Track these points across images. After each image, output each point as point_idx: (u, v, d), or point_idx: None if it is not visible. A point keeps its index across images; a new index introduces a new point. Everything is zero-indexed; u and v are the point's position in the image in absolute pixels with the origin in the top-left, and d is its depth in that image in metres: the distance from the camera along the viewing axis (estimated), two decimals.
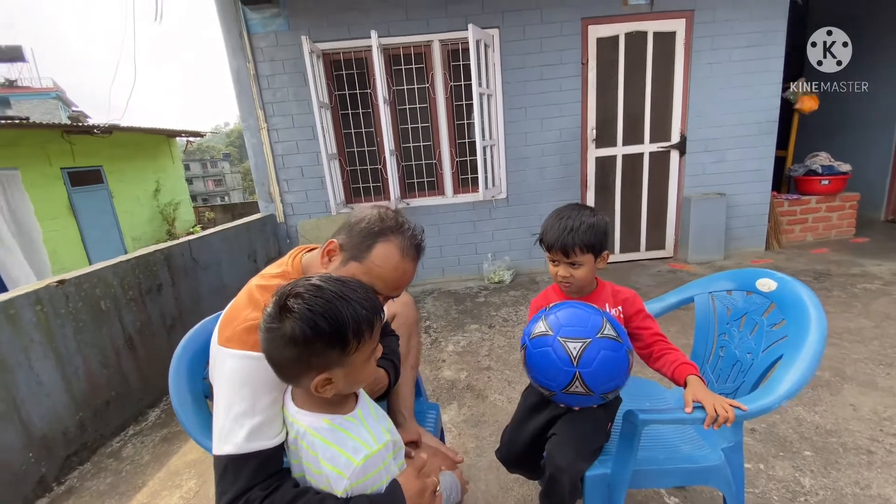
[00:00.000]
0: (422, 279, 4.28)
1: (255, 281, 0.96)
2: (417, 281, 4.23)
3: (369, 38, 3.49)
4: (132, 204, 7.75)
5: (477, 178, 3.84)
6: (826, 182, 4.31)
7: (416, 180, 4.18)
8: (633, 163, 4.13)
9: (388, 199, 3.90)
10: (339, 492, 0.73)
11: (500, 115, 3.99)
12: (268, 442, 0.79)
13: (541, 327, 1.01)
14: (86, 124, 6.78)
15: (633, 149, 4.10)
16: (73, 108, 19.73)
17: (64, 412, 2.04)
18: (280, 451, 0.81)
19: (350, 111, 3.99)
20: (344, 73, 3.92)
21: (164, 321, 2.69)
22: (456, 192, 4.20)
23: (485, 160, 3.82)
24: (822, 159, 4.39)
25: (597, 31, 3.85)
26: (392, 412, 1.28)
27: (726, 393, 1.21)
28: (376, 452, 0.76)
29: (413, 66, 3.92)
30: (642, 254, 4.35)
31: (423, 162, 4.15)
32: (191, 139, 9.27)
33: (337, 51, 3.84)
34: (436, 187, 4.21)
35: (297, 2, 3.71)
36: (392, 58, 3.90)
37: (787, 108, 4.36)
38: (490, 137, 3.93)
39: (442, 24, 3.79)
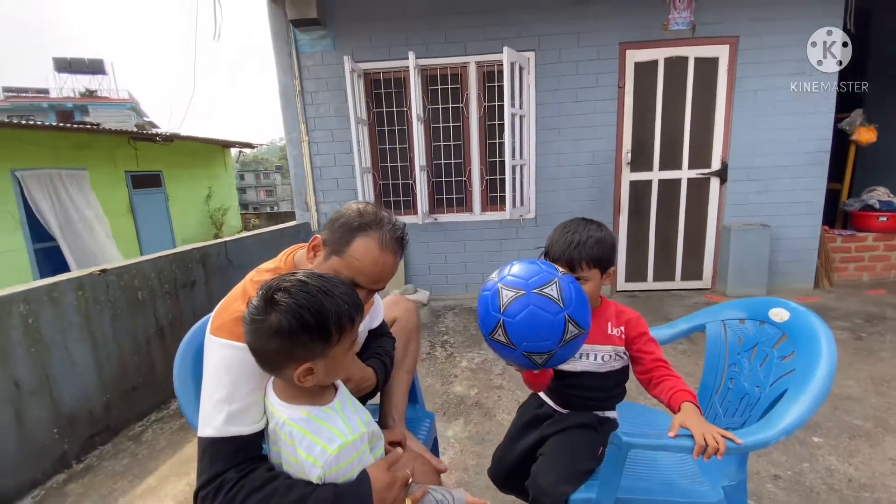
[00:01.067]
0: (444, 294, 4.28)
1: (250, 275, 1.00)
2: (440, 295, 4.25)
3: (408, 59, 3.63)
4: (185, 207, 8.30)
5: (505, 196, 3.84)
6: (884, 219, 3.99)
7: (445, 196, 4.24)
8: (669, 188, 4.01)
9: (416, 213, 3.96)
10: (314, 479, 0.75)
11: (532, 136, 4.00)
12: (245, 428, 0.81)
13: (507, 293, 0.94)
14: (149, 132, 7.37)
15: (670, 174, 3.98)
16: (145, 119, 21.51)
17: (93, 393, 2.17)
18: (257, 438, 0.84)
19: (386, 127, 4.14)
20: (383, 91, 4.08)
21: (195, 315, 2.83)
22: (484, 209, 4.22)
23: (514, 179, 3.82)
24: (880, 194, 4.09)
25: (635, 56, 3.82)
26: (382, 414, 1.29)
27: (733, 428, 1.13)
28: (351, 442, 0.77)
29: (449, 87, 4.03)
30: (677, 283, 4.17)
31: (454, 179, 4.20)
32: (243, 150, 9.86)
33: (377, 70, 4.01)
34: (464, 204, 4.24)
35: (343, 25, 3.93)
36: (429, 78, 4.02)
37: (842, 138, 4.12)
38: (521, 157, 3.94)
39: (479, 47, 3.88)
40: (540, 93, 3.93)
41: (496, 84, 3.95)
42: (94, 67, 21.18)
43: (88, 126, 6.38)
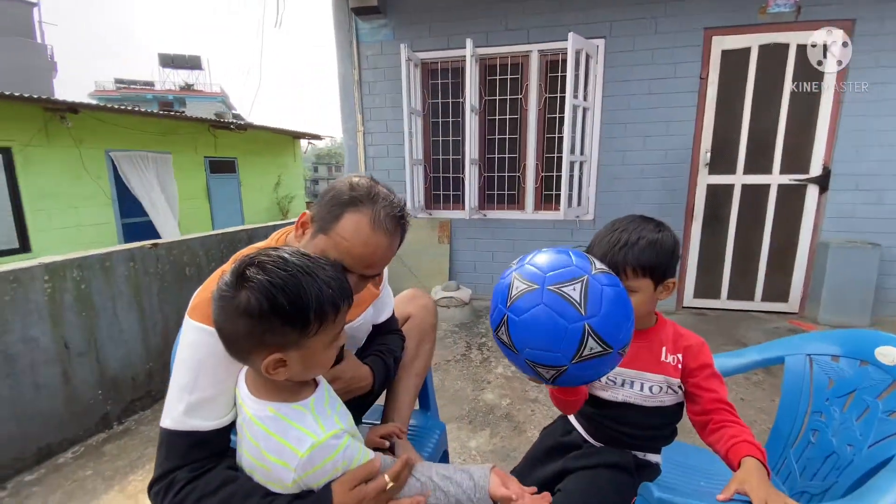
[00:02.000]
0: (488, 294, 4.07)
1: (239, 253, 0.92)
2: (483, 295, 4.07)
3: (465, 47, 3.48)
4: (255, 193, 8.82)
5: (561, 195, 3.58)
6: None
7: (496, 192, 4.05)
8: (755, 195, 3.52)
9: (464, 208, 3.82)
10: (289, 484, 0.67)
11: (595, 130, 3.69)
12: (204, 423, 0.73)
13: (519, 285, 0.74)
14: (225, 121, 7.89)
15: (756, 178, 3.49)
16: (233, 111, 23.31)
17: (136, 360, 2.27)
18: (220, 435, 0.75)
19: (441, 119, 4.02)
20: (439, 82, 3.97)
21: None
22: (537, 208, 3.98)
23: (571, 177, 3.55)
24: None
25: (723, 43, 3.38)
26: (384, 419, 1.17)
27: (812, 494, 0.87)
28: (322, 442, 0.67)
29: (508, 77, 3.83)
30: (757, 304, 3.66)
31: (507, 174, 4.00)
32: (312, 141, 10.31)
33: (435, 60, 3.91)
34: (516, 201, 4.03)
35: (403, 13, 3.86)
36: (487, 67, 3.85)
37: None
38: (581, 153, 3.65)
39: (542, 35, 3.64)
40: (608, 83, 3.61)
41: (559, 74, 3.69)
42: (193, 63, 23.32)
43: (173, 113, 6.95)
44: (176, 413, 0.72)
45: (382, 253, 0.84)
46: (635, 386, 0.97)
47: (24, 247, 5.22)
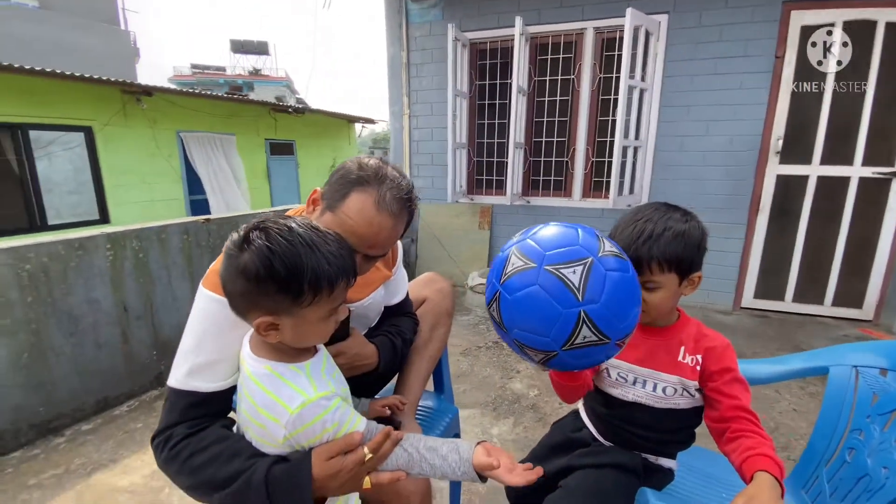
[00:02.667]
0: None
1: None
2: None
3: (514, 26, 3.35)
4: (311, 175, 9.16)
5: (611, 181, 3.39)
6: None
7: (542, 178, 3.92)
8: (832, 188, 3.14)
9: (506, 194, 3.73)
10: (280, 440, 0.69)
11: (653, 113, 3.45)
12: (204, 384, 0.77)
13: (516, 261, 0.69)
14: (285, 104, 8.21)
15: (835, 170, 3.12)
16: (296, 95, 24.25)
17: None
18: (218, 397, 0.79)
19: (487, 101, 3.93)
20: (488, 62, 3.87)
21: None
22: (585, 195, 3.81)
23: (623, 162, 3.35)
24: None
25: (803, 18, 3.00)
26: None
27: None
28: (313, 401, 0.68)
29: (560, 56, 3.65)
30: (826, 308, 3.30)
31: (554, 159, 3.85)
32: (365, 125, 10.51)
33: (484, 40, 3.80)
34: (563, 188, 3.87)
35: None
36: (539, 47, 3.69)
37: None
38: (636, 138, 3.43)
39: (598, 11, 3.42)
40: (669, 63, 3.34)
41: (616, 53, 3.46)
42: (261, 49, 24.44)
43: (237, 97, 7.33)
44: (179, 374, 0.77)
45: (386, 234, 0.84)
46: (647, 386, 0.90)
47: (104, 218, 5.79)
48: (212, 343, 0.77)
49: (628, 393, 0.93)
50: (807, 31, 3.01)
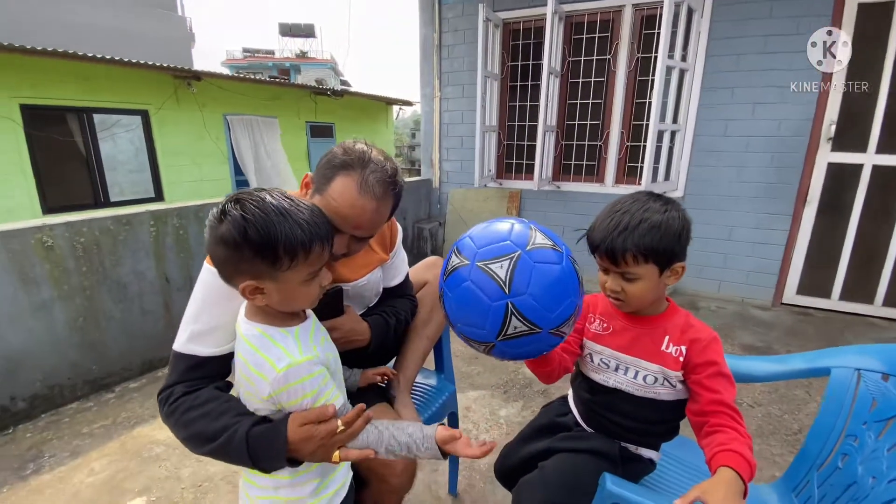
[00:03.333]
0: None
1: None
2: None
3: (547, 4, 3.25)
4: None
5: (644, 166, 3.26)
6: None
7: (573, 162, 3.82)
8: (888, 178, 2.88)
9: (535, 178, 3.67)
10: (265, 397, 0.74)
11: (694, 95, 3.26)
12: (203, 349, 0.84)
13: (454, 259, 0.75)
14: (324, 87, 8.37)
15: (892, 159, 2.84)
16: (341, 77, 24.59)
17: None
18: (215, 361, 0.85)
19: (520, 83, 3.85)
20: (521, 42, 3.77)
21: None
22: (619, 180, 3.69)
23: (658, 147, 3.21)
24: None
25: None
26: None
27: None
28: (299, 363, 0.73)
29: (596, 35, 3.51)
30: (876, 308, 3.06)
31: (587, 143, 3.74)
32: (402, 107, 10.55)
33: (517, 19, 3.71)
34: (595, 172, 3.77)
35: None
36: (574, 26, 3.56)
37: None
38: (674, 121, 3.27)
39: None
40: (713, 41, 3.14)
41: (655, 31, 3.28)
42: (307, 31, 24.87)
43: (278, 80, 7.56)
44: (182, 338, 0.85)
45: (370, 216, 0.87)
46: (629, 373, 0.90)
47: (159, 196, 6.22)
48: (210, 311, 0.84)
49: (609, 379, 0.94)
50: (865, 10, 2.73)
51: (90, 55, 5.02)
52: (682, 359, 0.86)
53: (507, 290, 0.68)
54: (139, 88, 5.80)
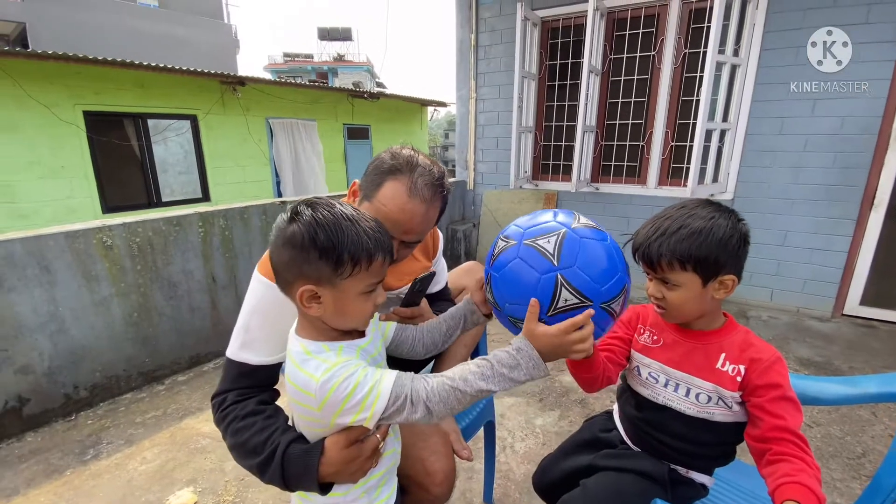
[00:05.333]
0: None
1: None
2: None
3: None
4: None
5: (690, 168, 3.12)
6: None
7: (613, 163, 3.70)
8: None
9: (572, 180, 3.58)
10: (316, 410, 0.71)
11: (746, 92, 3.09)
12: (252, 357, 0.86)
13: (501, 243, 0.77)
14: (361, 90, 8.52)
15: None
16: (377, 80, 24.98)
17: None
18: (264, 370, 0.87)
19: (558, 82, 3.78)
20: (560, 41, 3.70)
21: None
22: (662, 182, 3.54)
23: (706, 147, 3.06)
24: None
25: None
26: None
27: None
28: (337, 365, 0.70)
29: (640, 31, 3.38)
30: None
31: (628, 143, 3.62)
32: (437, 108, 10.58)
33: (556, 17, 3.64)
34: (637, 174, 3.64)
35: None
36: (616, 22, 3.45)
37: None
38: (724, 120, 3.11)
39: None
40: (769, 34, 2.96)
41: (704, 25, 3.13)
42: (345, 35, 25.41)
43: (317, 84, 7.74)
44: (234, 346, 0.87)
45: (420, 219, 0.88)
46: (679, 389, 0.86)
47: (206, 197, 6.52)
48: (260, 321, 0.86)
49: (659, 395, 0.89)
50: None
51: (146, 64, 5.33)
52: (739, 379, 0.81)
53: (555, 262, 0.70)
54: (189, 94, 6.10)
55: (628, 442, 0.98)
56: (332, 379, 0.69)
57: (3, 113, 4.69)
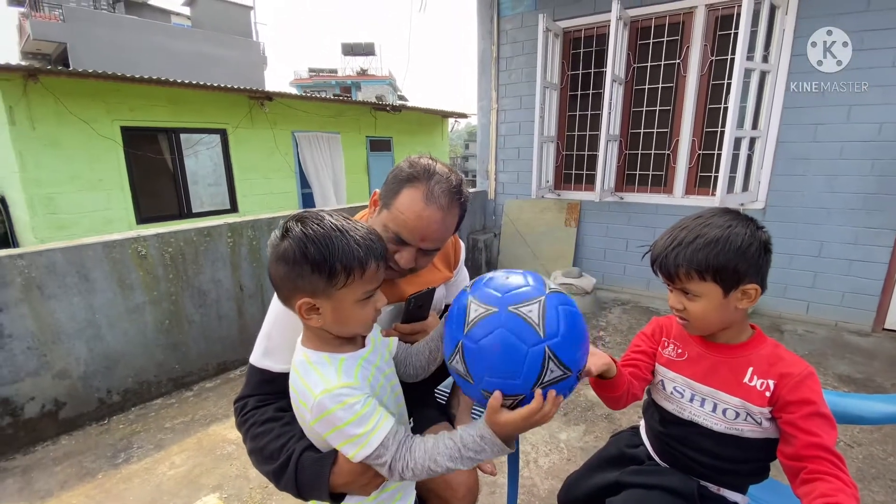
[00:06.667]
0: (617, 285, 3.78)
1: None
2: (611, 286, 3.77)
3: (611, 10, 3.15)
4: None
5: (718, 176, 3.04)
6: None
7: (638, 172, 3.65)
8: None
9: (596, 189, 3.54)
10: (310, 423, 0.73)
11: (777, 99, 3.01)
12: (274, 365, 0.87)
13: (477, 308, 0.68)
14: (383, 103, 8.66)
15: None
16: (398, 93, 25.40)
17: None
18: (285, 378, 0.87)
19: (580, 92, 3.76)
20: (582, 51, 3.69)
21: None
22: (689, 191, 3.47)
23: (735, 155, 2.98)
24: None
25: None
26: (448, 401, 1.23)
27: None
28: (333, 389, 0.70)
29: (664, 40, 3.35)
30: None
31: (654, 151, 3.56)
32: (458, 119, 10.66)
33: (579, 27, 3.64)
34: (663, 183, 3.57)
35: None
36: (640, 31, 3.43)
37: None
38: (754, 127, 3.04)
39: None
40: (799, 39, 2.88)
41: (731, 31, 3.08)
42: (368, 50, 25.98)
43: (341, 98, 7.92)
44: (256, 353, 0.89)
45: (436, 227, 0.87)
46: (706, 405, 0.83)
47: (234, 208, 6.71)
48: (281, 330, 0.87)
49: (684, 410, 0.86)
50: None
51: (179, 81, 5.56)
52: (768, 394, 0.77)
53: (542, 334, 0.65)
54: (219, 109, 6.34)
55: (655, 458, 0.95)
56: (328, 404, 0.69)
57: (47, 129, 4.96)
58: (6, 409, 1.82)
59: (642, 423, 1.03)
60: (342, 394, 0.69)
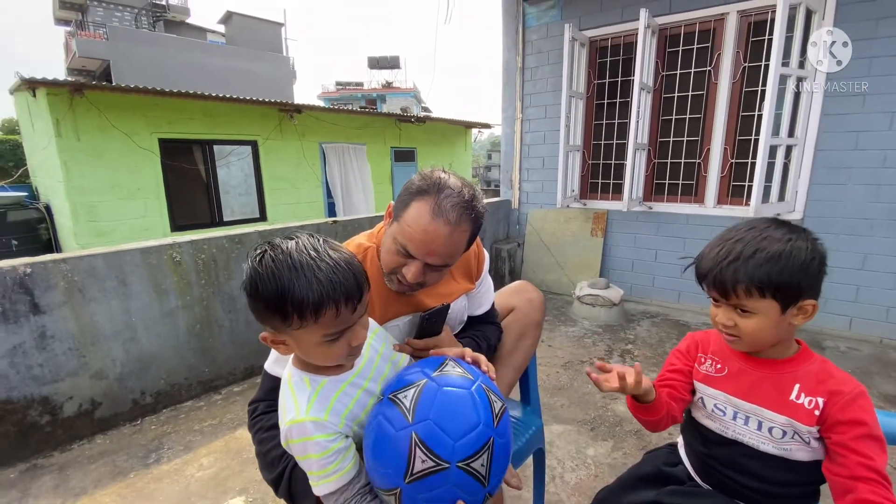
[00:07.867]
0: (646, 297, 3.68)
1: (345, 243, 1.04)
2: (640, 298, 3.68)
3: (639, 18, 3.12)
4: None
5: (753, 185, 2.94)
6: None
7: (667, 181, 3.56)
8: None
9: (623, 198, 3.47)
10: (284, 444, 0.72)
11: (815, 106, 2.90)
12: (282, 372, 0.89)
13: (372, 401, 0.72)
14: (408, 115, 8.80)
15: None
16: (423, 104, 25.75)
17: None
18: None
19: (607, 100, 3.72)
20: (609, 59, 3.66)
21: None
22: (721, 201, 3.36)
23: (770, 164, 2.88)
24: None
25: None
26: None
27: None
28: (301, 421, 0.68)
29: (694, 47, 3.29)
30: None
31: (684, 160, 3.48)
32: (481, 129, 10.72)
33: (606, 36, 3.61)
34: (693, 192, 3.47)
35: None
36: (669, 38, 3.37)
37: None
38: (790, 135, 2.93)
39: None
40: (837, 44, 2.78)
41: (765, 37, 2.99)
42: (393, 63, 26.51)
43: (367, 110, 8.10)
44: (270, 360, 0.93)
45: (443, 241, 0.83)
46: (750, 423, 0.79)
47: (263, 217, 6.92)
48: None
49: (727, 429, 0.82)
50: None
51: (214, 95, 5.80)
52: (818, 413, 0.73)
53: (410, 419, 0.61)
54: (250, 122, 6.57)
55: (696, 479, 0.91)
56: (294, 434, 0.68)
57: (90, 141, 5.23)
58: (46, 408, 1.89)
59: (680, 440, 0.99)
60: (307, 430, 0.68)
